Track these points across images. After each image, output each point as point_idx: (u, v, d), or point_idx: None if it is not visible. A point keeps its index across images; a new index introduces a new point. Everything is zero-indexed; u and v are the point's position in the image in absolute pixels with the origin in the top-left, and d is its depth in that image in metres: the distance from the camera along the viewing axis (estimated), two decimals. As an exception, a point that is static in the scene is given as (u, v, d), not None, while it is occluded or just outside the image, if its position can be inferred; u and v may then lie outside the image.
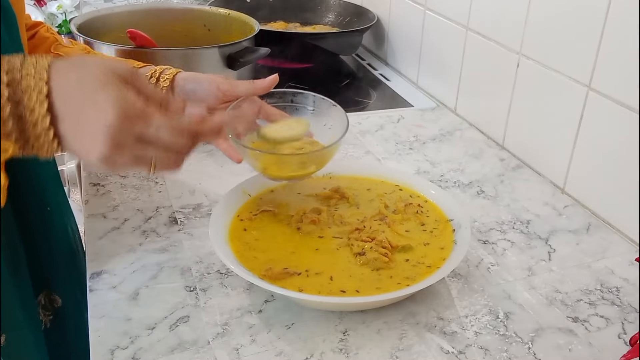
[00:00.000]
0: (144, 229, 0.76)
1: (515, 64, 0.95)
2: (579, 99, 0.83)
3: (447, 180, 0.90)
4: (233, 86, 0.74)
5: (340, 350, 0.58)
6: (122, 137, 0.46)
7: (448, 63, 1.15)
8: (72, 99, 0.46)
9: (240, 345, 0.58)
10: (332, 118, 0.76)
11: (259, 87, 0.74)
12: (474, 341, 0.60)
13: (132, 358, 0.57)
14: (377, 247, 0.66)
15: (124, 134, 0.46)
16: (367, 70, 1.38)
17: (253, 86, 0.74)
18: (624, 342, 0.61)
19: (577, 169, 0.86)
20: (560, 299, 0.66)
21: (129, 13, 1.13)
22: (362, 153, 0.97)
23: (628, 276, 0.71)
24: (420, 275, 0.64)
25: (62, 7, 1.56)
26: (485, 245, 0.75)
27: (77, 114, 0.46)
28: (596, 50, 0.79)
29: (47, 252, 0.72)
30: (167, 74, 0.76)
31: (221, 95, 0.73)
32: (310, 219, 0.71)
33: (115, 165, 0.48)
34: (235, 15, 1.16)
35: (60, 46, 0.75)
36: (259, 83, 0.74)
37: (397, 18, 1.35)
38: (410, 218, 0.73)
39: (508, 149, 1.00)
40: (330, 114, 0.76)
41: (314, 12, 1.52)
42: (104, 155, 0.46)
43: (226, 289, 0.66)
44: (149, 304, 0.63)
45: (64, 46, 0.76)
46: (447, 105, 1.16)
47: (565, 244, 0.76)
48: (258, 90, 0.74)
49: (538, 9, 0.89)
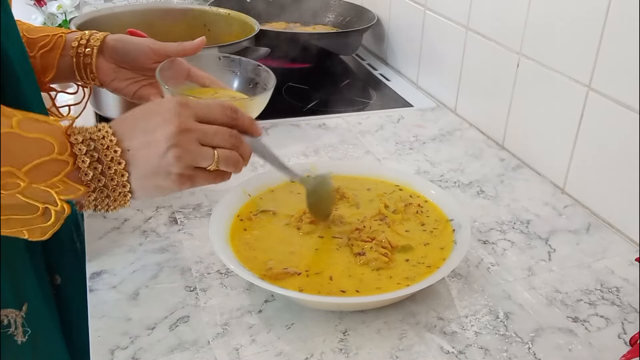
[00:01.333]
0: (144, 229, 0.76)
1: (515, 64, 0.95)
2: (579, 99, 0.83)
3: (447, 180, 0.90)
4: (163, 46, 0.77)
5: (340, 350, 0.58)
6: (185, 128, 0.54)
7: (448, 63, 1.15)
8: (135, 129, 0.54)
9: (240, 345, 0.58)
10: (262, 79, 0.80)
11: (188, 47, 0.78)
12: (474, 341, 0.60)
13: (132, 358, 0.57)
14: (377, 247, 0.66)
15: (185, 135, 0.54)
16: (367, 70, 1.38)
17: (182, 47, 0.78)
18: (624, 342, 0.61)
19: (577, 169, 0.86)
20: (560, 299, 0.66)
21: (129, 13, 1.13)
22: (362, 153, 0.97)
23: (628, 276, 0.71)
24: (420, 275, 0.64)
25: (62, 7, 1.56)
26: (485, 245, 0.75)
27: (142, 133, 0.54)
28: (596, 50, 0.79)
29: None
30: (96, 36, 0.77)
31: (152, 54, 0.76)
32: (310, 219, 0.71)
33: (183, 156, 0.53)
34: (235, 15, 1.16)
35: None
36: (187, 44, 0.78)
37: (397, 18, 1.35)
38: (410, 218, 0.73)
39: (508, 149, 1.00)
40: (259, 75, 0.80)
41: (314, 12, 1.51)
42: (173, 137, 0.53)
43: (226, 289, 0.66)
44: (149, 304, 0.63)
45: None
46: (447, 105, 1.16)
47: (565, 244, 0.76)
48: (187, 50, 0.78)
49: (538, 9, 0.89)
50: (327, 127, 1.05)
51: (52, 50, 0.75)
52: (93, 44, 0.76)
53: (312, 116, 1.10)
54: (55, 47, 0.75)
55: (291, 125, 1.05)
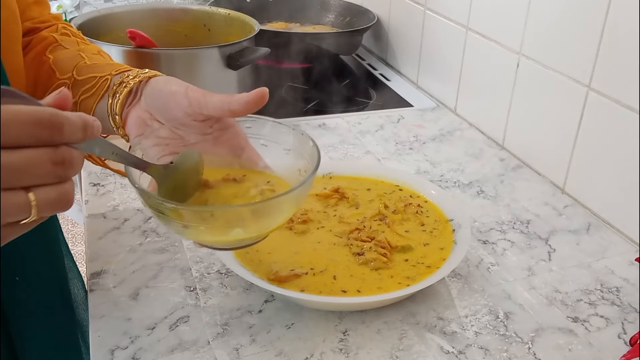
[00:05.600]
0: (144, 229, 0.76)
1: (515, 64, 0.95)
2: (579, 99, 0.83)
3: (447, 180, 0.90)
4: (203, 95, 0.54)
5: (340, 350, 0.58)
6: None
7: (448, 63, 1.15)
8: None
9: (240, 345, 0.58)
10: (305, 154, 0.57)
11: (244, 103, 0.53)
12: (474, 341, 0.60)
13: (132, 358, 0.57)
14: (376, 247, 0.67)
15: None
16: (367, 70, 1.38)
17: (232, 103, 0.53)
18: (624, 342, 0.61)
19: (577, 169, 0.86)
20: (560, 299, 0.66)
21: (129, 13, 1.13)
22: (362, 153, 0.97)
23: (628, 276, 0.71)
24: (420, 275, 0.64)
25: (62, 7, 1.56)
26: (485, 245, 0.75)
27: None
28: (596, 50, 0.79)
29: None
30: (139, 73, 0.59)
31: (186, 104, 0.55)
32: (302, 219, 0.71)
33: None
34: (235, 15, 1.16)
35: (56, 47, 0.65)
36: (241, 99, 0.53)
37: (397, 18, 1.35)
38: (410, 218, 0.73)
39: (508, 149, 1.00)
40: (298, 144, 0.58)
41: (314, 12, 1.51)
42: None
43: (226, 289, 0.66)
44: (149, 304, 0.63)
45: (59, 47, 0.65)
46: (447, 105, 1.16)
47: (565, 244, 0.76)
48: (239, 110, 0.53)
49: (538, 9, 0.89)
50: (327, 127, 1.05)
51: (93, 95, 0.60)
52: (129, 81, 0.58)
53: (312, 116, 1.10)
54: (97, 91, 0.60)
55: (291, 125, 1.05)
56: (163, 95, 0.56)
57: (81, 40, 0.68)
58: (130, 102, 0.58)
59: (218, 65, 1.00)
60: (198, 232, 0.51)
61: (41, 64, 0.64)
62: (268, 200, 0.52)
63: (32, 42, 0.66)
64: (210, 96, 0.54)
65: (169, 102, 0.56)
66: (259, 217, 0.51)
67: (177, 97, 0.55)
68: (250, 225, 0.51)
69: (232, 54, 1.00)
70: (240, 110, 0.53)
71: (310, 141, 0.56)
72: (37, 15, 0.67)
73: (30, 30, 0.67)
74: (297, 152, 0.58)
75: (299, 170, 0.57)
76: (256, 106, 0.53)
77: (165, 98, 0.56)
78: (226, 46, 1.00)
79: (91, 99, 0.60)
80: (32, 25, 0.67)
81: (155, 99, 0.57)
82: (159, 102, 0.57)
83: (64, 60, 0.63)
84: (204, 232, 0.51)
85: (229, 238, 0.52)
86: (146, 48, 0.97)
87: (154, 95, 0.57)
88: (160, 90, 0.57)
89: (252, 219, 0.51)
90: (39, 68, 0.63)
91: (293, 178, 0.56)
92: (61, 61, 0.63)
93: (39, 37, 0.67)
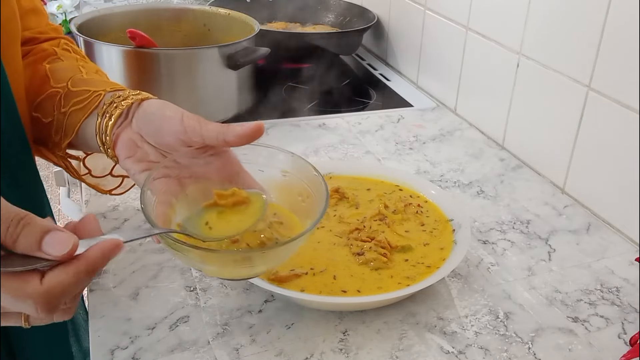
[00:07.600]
0: (144, 229, 0.75)
1: (515, 64, 0.95)
2: (579, 99, 0.83)
3: (447, 180, 0.90)
4: (198, 123, 0.54)
5: (340, 350, 0.58)
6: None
7: (448, 63, 1.15)
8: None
9: (240, 345, 0.58)
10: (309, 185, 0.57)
11: (239, 135, 0.53)
12: (474, 341, 0.60)
13: (132, 358, 0.57)
14: (376, 247, 0.67)
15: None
16: (367, 70, 1.38)
17: (226, 134, 0.53)
18: (624, 342, 0.61)
19: (577, 169, 0.86)
20: (560, 299, 0.66)
21: (129, 13, 1.13)
22: (362, 153, 0.97)
23: (628, 276, 0.71)
24: (420, 275, 0.64)
25: (62, 7, 1.56)
26: (485, 245, 0.75)
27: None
28: (596, 50, 0.79)
29: None
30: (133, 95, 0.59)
31: (180, 130, 0.54)
32: None
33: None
34: (235, 15, 1.16)
35: (55, 59, 0.65)
36: (237, 130, 0.53)
37: (397, 18, 1.35)
38: (410, 218, 0.73)
39: (508, 149, 1.00)
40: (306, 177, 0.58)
41: (314, 12, 1.52)
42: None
43: (226, 289, 0.66)
44: (149, 304, 0.63)
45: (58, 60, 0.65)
46: (447, 105, 1.16)
47: (565, 244, 0.76)
48: (233, 140, 0.53)
49: (538, 9, 0.89)
50: (327, 127, 1.05)
51: (83, 109, 0.59)
52: (120, 102, 0.58)
53: (312, 116, 1.10)
54: (88, 105, 0.59)
55: (291, 125, 1.05)
56: (156, 119, 0.56)
57: (81, 58, 0.69)
58: (120, 124, 0.58)
59: (218, 65, 1.00)
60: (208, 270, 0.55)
61: (36, 71, 0.63)
62: (284, 244, 0.53)
63: (32, 52, 0.66)
64: (206, 124, 0.54)
65: (162, 126, 0.56)
66: (273, 259, 0.54)
67: (171, 122, 0.55)
68: (266, 264, 0.54)
69: (232, 54, 1.00)
70: (235, 143, 0.54)
71: (313, 170, 0.57)
72: (35, 25, 0.67)
73: (29, 39, 0.67)
74: (295, 176, 0.58)
75: (300, 196, 0.57)
76: (251, 139, 0.53)
77: (159, 122, 0.56)
78: (226, 46, 1.00)
79: (80, 112, 0.59)
80: (31, 35, 0.67)
81: (148, 123, 0.57)
82: (152, 125, 0.56)
83: (61, 70, 0.64)
84: (213, 271, 0.55)
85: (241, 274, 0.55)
86: (146, 48, 0.97)
87: (146, 118, 0.57)
88: (153, 114, 0.56)
89: (266, 259, 0.54)
90: (33, 74, 0.63)
91: (296, 205, 0.57)
92: (58, 70, 0.63)
93: (39, 48, 0.67)
